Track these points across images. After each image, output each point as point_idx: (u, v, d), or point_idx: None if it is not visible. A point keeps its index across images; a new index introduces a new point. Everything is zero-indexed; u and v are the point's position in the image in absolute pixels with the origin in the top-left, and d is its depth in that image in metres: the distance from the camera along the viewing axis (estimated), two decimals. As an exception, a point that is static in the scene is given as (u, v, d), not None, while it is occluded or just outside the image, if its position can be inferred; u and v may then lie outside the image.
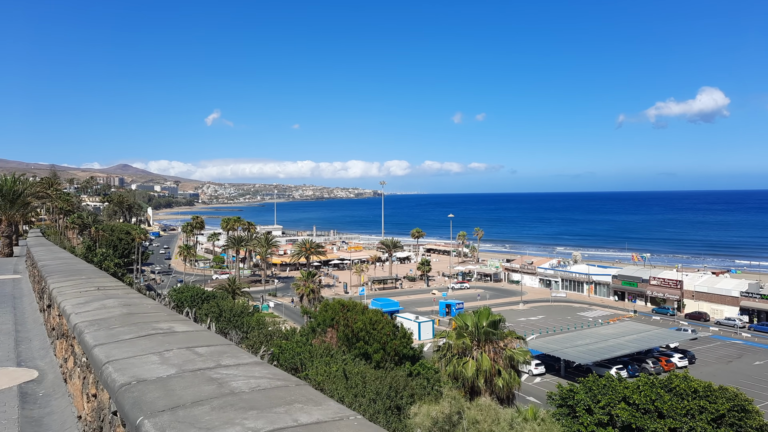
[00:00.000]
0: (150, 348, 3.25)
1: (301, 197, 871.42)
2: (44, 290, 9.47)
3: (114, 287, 6.51)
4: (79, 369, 4.50)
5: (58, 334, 6.62)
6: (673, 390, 21.64)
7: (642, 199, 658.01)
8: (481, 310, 32.23)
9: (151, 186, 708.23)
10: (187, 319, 4.33)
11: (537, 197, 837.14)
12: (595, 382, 23.42)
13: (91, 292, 6.02)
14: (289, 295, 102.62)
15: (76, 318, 4.52)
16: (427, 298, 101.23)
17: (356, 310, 51.08)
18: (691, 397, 20.87)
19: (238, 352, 3.10)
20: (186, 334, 3.75)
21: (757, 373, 59.12)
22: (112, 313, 4.67)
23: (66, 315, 4.96)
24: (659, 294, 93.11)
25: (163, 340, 3.47)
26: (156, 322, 4.21)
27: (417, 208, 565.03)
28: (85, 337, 3.91)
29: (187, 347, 3.20)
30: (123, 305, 5.05)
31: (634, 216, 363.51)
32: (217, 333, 15.91)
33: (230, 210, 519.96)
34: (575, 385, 24.06)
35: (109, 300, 5.37)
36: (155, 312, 4.74)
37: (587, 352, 58.55)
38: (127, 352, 3.23)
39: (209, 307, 53.00)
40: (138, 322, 4.24)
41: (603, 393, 22.76)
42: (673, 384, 21.97)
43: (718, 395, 20.63)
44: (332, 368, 32.63)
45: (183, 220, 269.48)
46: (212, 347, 3.23)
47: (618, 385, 23.08)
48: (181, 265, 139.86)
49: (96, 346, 3.44)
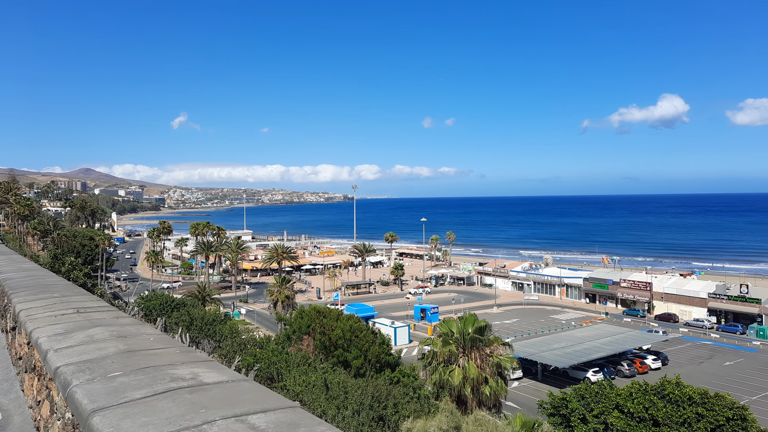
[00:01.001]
0: (179, 418, 2.12)
1: (271, 201, 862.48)
2: (7, 308, 8.15)
3: (97, 309, 5.31)
4: (60, 423, 3.40)
5: (27, 367, 5.43)
6: (667, 397, 21.22)
7: (606, 202, 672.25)
8: (466, 316, 31.44)
9: (115, 190, 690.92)
10: (210, 359, 3.21)
11: (505, 201, 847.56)
12: (588, 390, 22.87)
13: (70, 317, 4.84)
14: (260, 301, 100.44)
15: (58, 358, 3.32)
16: (402, 303, 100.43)
17: (332, 316, 49.90)
18: (686, 405, 20.48)
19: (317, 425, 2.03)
20: (221, 388, 2.58)
21: (728, 373, 60.02)
22: (105, 350, 3.49)
23: (41, 351, 3.76)
24: (629, 296, 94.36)
25: (192, 400, 2.33)
26: (171, 366, 3.05)
27: (388, 212, 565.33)
28: (75, 393, 2.72)
29: (235, 416, 2.05)
30: (116, 337, 3.88)
31: (599, 219, 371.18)
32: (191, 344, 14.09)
33: (198, 215, 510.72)
34: (567, 393, 23.48)
35: (96, 329, 4.19)
36: (163, 347, 3.60)
37: (564, 356, 58.55)
38: (145, 427, 2.13)
39: (179, 315, 51.00)
40: (146, 366, 3.06)
41: (596, 401, 22.21)
42: (666, 390, 21.56)
43: (714, 402, 20.28)
44: (311, 378, 31.37)
45: (149, 225, 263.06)
46: (272, 414, 2.12)
47: (610, 393, 22.57)
48: (148, 271, 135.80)
49: (95, 413, 2.23)
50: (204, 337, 45.08)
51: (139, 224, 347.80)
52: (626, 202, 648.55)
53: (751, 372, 60.30)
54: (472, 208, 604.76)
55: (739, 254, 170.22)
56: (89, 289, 16.95)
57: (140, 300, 60.69)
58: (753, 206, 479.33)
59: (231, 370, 2.90)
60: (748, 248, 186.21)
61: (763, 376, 58.95)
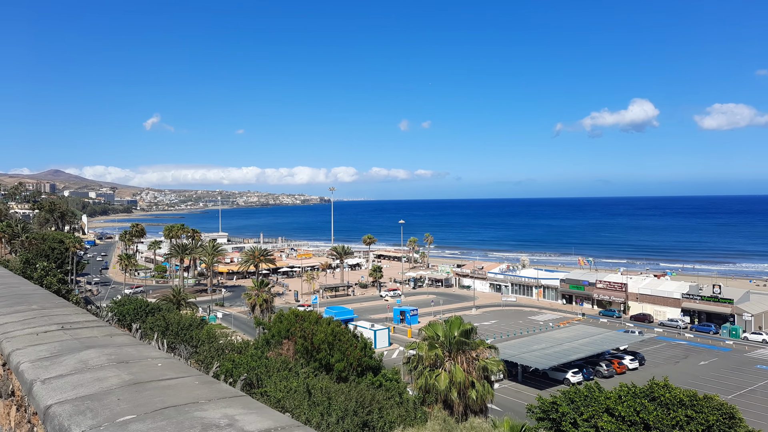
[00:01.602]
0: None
1: (246, 204, 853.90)
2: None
3: (85, 324, 4.58)
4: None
5: (3, 392, 4.73)
6: (657, 399, 21.11)
7: (579, 204, 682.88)
8: (451, 319, 31.05)
9: (85, 192, 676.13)
10: (242, 394, 2.53)
11: (481, 203, 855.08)
12: (577, 393, 22.64)
13: (55, 335, 4.13)
14: (237, 305, 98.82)
15: (48, 393, 2.60)
16: (381, 305, 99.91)
17: (312, 320, 49.12)
18: (676, 407, 20.38)
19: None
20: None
21: (703, 373, 60.97)
22: (106, 381, 2.76)
23: (25, 381, 3.03)
24: (605, 297, 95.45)
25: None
26: (195, 405, 2.32)
27: (364, 214, 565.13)
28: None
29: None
30: (116, 362, 3.16)
31: (572, 221, 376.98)
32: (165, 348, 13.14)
33: (171, 217, 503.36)
34: (557, 396, 23.23)
35: (89, 351, 3.49)
36: (177, 376, 2.80)
37: (544, 357, 58.72)
38: None
39: (154, 320, 49.62)
40: (164, 407, 2.33)
41: (585, 404, 21.99)
42: (656, 393, 21.44)
43: (703, 404, 20.22)
44: (292, 383, 30.65)
45: (120, 227, 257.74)
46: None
47: (599, 395, 22.37)
48: (120, 275, 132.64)
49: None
50: (180, 342, 43.92)
51: (111, 227, 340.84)
52: (599, 205, 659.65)
53: (725, 371, 61.35)
54: (448, 210, 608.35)
55: (708, 255, 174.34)
56: (64, 296, 16.01)
57: (113, 305, 58.97)
58: (720, 208, 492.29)
59: (274, 411, 2.28)
60: (716, 249, 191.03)
61: (737, 375, 60.03)
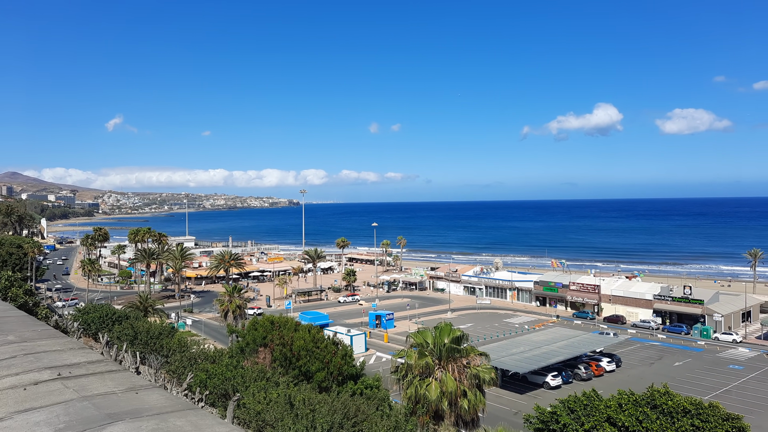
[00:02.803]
0: None
1: (213, 207, 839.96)
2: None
3: (89, 368, 3.26)
4: None
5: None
6: (659, 407, 20.48)
7: (546, 207, 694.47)
8: (441, 325, 29.98)
9: (44, 195, 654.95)
10: None
11: (450, 206, 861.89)
12: (577, 402, 21.85)
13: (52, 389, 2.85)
14: (206, 311, 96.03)
15: None
16: (355, 309, 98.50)
17: (290, 327, 47.54)
18: (680, 416, 19.78)
19: None
20: None
21: (679, 374, 61.52)
22: None
23: None
24: (578, 299, 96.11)
25: None
26: None
27: (333, 216, 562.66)
28: None
29: None
30: None
31: (539, 223, 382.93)
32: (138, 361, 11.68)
33: (134, 220, 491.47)
34: (557, 406, 22.40)
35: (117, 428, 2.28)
36: None
37: (523, 360, 58.32)
38: None
39: (122, 329, 47.33)
40: None
41: (585, 413, 21.23)
42: (657, 401, 20.81)
43: (709, 413, 19.65)
44: (272, 394, 29.15)
45: (82, 231, 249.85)
46: None
47: (599, 404, 21.62)
48: (82, 281, 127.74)
49: None
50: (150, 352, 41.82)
51: (71, 231, 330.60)
52: (565, 207, 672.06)
53: (700, 372, 62.05)
54: (418, 213, 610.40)
55: (671, 257, 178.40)
56: (31, 311, 14.27)
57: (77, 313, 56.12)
58: (681, 210, 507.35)
59: None
60: (679, 251, 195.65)
61: (711, 375, 60.75)
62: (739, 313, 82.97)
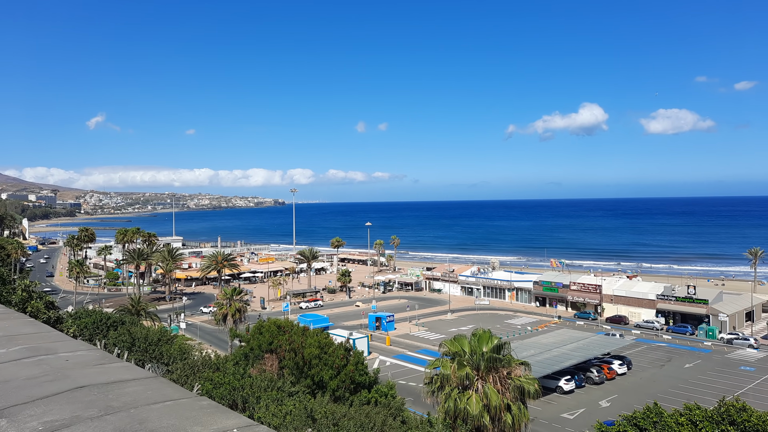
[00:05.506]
0: None
1: (197, 207, 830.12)
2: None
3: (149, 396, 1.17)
4: None
5: None
6: (738, 425, 18.68)
7: (531, 206, 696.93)
8: (479, 332, 27.93)
9: (24, 195, 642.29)
10: None
11: (437, 205, 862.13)
12: (646, 419, 19.98)
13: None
14: (198, 314, 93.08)
15: None
16: (353, 311, 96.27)
17: (299, 331, 45.20)
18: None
19: None
20: None
21: (691, 376, 60.22)
22: None
23: None
24: (579, 299, 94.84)
25: None
26: None
27: (319, 216, 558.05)
28: None
29: None
30: None
31: (526, 222, 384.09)
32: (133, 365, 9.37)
33: (117, 221, 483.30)
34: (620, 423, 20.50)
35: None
36: None
37: (536, 364, 56.21)
38: None
39: (117, 335, 44.64)
40: None
41: (656, 431, 19.35)
42: (735, 417, 19.01)
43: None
44: (288, 406, 26.86)
45: (65, 232, 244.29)
46: None
47: (669, 420, 19.76)
48: (67, 283, 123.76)
49: None
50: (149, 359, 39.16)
51: (53, 231, 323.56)
52: (550, 206, 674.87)
53: (711, 374, 60.80)
54: (405, 212, 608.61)
55: (662, 256, 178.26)
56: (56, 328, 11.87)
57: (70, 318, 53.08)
58: (666, 210, 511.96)
59: None
60: (669, 250, 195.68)
61: (722, 377, 59.50)
62: (743, 312, 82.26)
